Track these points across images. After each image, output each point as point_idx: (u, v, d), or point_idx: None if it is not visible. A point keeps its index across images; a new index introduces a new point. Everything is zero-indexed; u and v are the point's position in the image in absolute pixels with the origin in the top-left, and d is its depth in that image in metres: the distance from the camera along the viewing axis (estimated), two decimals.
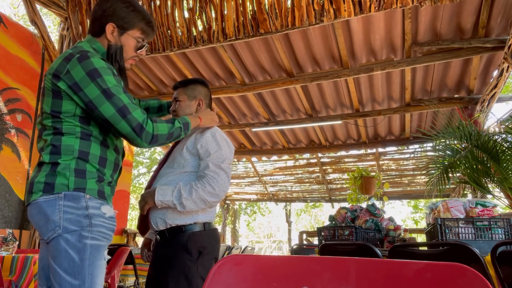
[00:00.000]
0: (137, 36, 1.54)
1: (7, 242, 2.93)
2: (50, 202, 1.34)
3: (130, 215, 14.77)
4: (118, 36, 1.51)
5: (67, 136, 1.40)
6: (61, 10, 5.02)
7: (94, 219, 1.36)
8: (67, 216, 1.33)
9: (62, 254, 1.31)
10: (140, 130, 1.40)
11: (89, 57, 1.38)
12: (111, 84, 1.38)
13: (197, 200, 1.65)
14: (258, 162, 8.72)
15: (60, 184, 1.35)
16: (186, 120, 1.60)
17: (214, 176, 1.68)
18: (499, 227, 2.45)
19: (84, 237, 1.33)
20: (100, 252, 1.38)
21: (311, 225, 19.61)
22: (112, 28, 1.50)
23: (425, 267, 0.81)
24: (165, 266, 1.69)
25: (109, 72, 1.40)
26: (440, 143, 3.81)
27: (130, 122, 1.39)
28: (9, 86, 4.47)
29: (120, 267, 3.61)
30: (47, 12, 10.42)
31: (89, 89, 1.36)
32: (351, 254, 2.37)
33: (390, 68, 4.69)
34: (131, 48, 1.55)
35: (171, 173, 1.77)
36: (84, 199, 1.36)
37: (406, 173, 8.46)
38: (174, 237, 1.71)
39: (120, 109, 1.38)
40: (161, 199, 1.66)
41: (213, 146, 1.74)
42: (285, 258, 1.01)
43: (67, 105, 1.39)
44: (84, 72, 1.36)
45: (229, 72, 5.38)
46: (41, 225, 1.35)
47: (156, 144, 1.46)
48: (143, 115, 1.43)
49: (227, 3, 4.07)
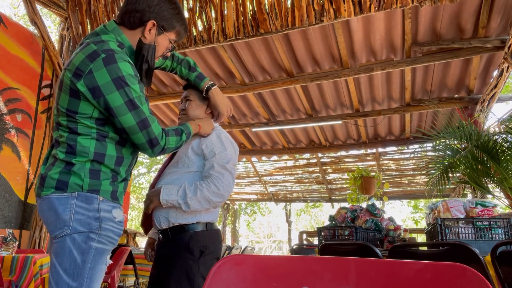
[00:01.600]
0: (172, 39, 1.52)
1: (7, 242, 2.93)
2: (62, 200, 1.31)
3: (130, 215, 14.77)
4: (155, 35, 1.45)
5: (83, 137, 1.35)
6: (61, 10, 5.02)
7: (104, 222, 1.35)
8: (78, 216, 1.31)
9: (65, 253, 1.29)
10: (154, 143, 1.41)
11: (116, 61, 1.30)
12: (136, 95, 1.34)
13: (202, 199, 1.66)
14: (258, 162, 8.73)
15: (74, 183, 1.32)
16: (190, 130, 1.62)
17: (219, 177, 1.69)
18: (499, 227, 2.45)
19: (91, 239, 1.31)
20: (103, 256, 1.36)
21: (311, 225, 19.61)
22: (152, 25, 1.43)
23: (425, 267, 0.81)
24: (167, 266, 1.69)
25: (135, 81, 1.35)
26: (440, 143, 3.81)
27: (148, 134, 1.39)
28: (9, 86, 4.47)
29: (120, 267, 3.61)
30: (47, 12, 10.43)
31: (112, 96, 1.30)
32: (351, 254, 2.37)
33: (390, 68, 4.70)
34: (163, 49, 1.52)
35: (176, 172, 1.78)
36: (97, 200, 1.34)
37: (406, 173, 8.46)
38: (176, 236, 1.72)
39: (141, 121, 1.36)
40: (166, 198, 1.67)
41: (218, 147, 1.76)
42: (285, 258, 1.01)
43: (84, 106, 1.33)
44: (110, 78, 1.29)
45: (229, 72, 5.39)
46: (50, 221, 1.33)
47: (163, 154, 1.51)
48: (159, 128, 1.43)
49: (227, 3, 4.07)
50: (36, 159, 4.74)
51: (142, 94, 1.39)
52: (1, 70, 4.37)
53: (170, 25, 1.47)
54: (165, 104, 6.53)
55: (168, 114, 6.88)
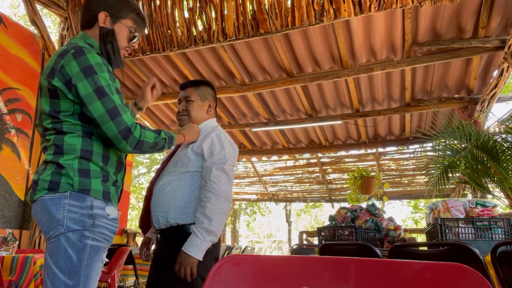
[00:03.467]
0: (130, 26, 1.54)
1: (7, 242, 2.93)
2: (55, 200, 1.32)
3: (130, 215, 14.77)
4: (111, 25, 1.51)
5: (69, 135, 1.38)
6: (61, 10, 5.02)
7: (98, 219, 1.35)
8: (71, 215, 1.32)
9: (60, 252, 1.30)
10: (126, 133, 1.37)
11: (85, 53, 1.36)
12: (105, 83, 1.36)
13: (215, 214, 1.62)
14: (258, 162, 8.72)
15: (65, 183, 1.34)
16: (172, 134, 1.57)
17: (216, 182, 1.67)
18: (499, 227, 2.45)
19: (85, 237, 1.32)
20: (99, 254, 1.37)
21: (311, 225, 19.61)
22: (105, 16, 1.49)
23: (425, 267, 0.81)
24: (165, 266, 1.69)
25: (104, 69, 1.38)
26: (440, 143, 3.80)
27: (118, 124, 1.35)
28: (9, 86, 4.47)
29: (120, 267, 3.61)
30: (47, 12, 10.42)
31: (82, 85, 1.33)
32: (351, 254, 2.37)
33: (390, 68, 4.69)
34: (124, 37, 1.54)
35: (174, 172, 1.78)
36: (89, 198, 1.35)
37: (406, 173, 8.46)
38: (175, 236, 1.71)
39: (111, 110, 1.35)
40: (199, 250, 1.59)
41: (217, 147, 1.75)
42: (285, 258, 1.01)
43: (64, 104, 1.37)
44: (79, 67, 1.34)
45: (229, 72, 5.38)
46: (44, 222, 1.34)
47: (140, 151, 1.43)
48: (132, 119, 1.40)
49: (227, 3, 4.07)
50: (36, 159, 4.74)
51: (113, 83, 1.40)
52: (1, 70, 4.37)
53: (121, 12, 1.52)
54: (165, 104, 6.53)
55: (168, 114, 6.88)
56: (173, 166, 1.81)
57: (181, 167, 1.77)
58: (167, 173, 1.81)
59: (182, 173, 1.76)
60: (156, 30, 4.41)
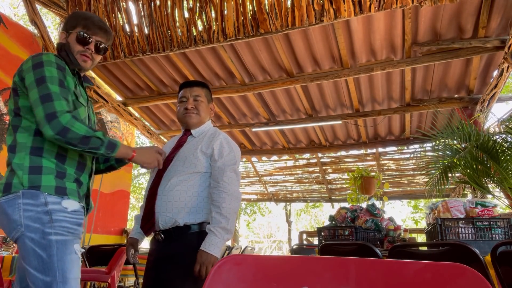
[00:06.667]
0: (78, 31, 1.60)
1: (7, 242, 2.93)
2: (10, 202, 1.35)
3: (130, 215, 14.74)
4: (66, 39, 1.62)
5: (22, 134, 1.43)
6: (61, 10, 5.01)
7: (55, 214, 1.37)
8: (27, 214, 1.34)
9: (29, 253, 1.33)
10: (51, 117, 1.35)
11: (42, 54, 1.48)
12: (48, 74, 1.42)
13: (231, 214, 1.68)
14: (258, 162, 8.72)
15: (16, 183, 1.37)
16: (116, 142, 1.48)
17: (228, 182, 1.71)
18: (499, 227, 2.45)
19: (47, 234, 1.34)
20: (68, 247, 1.38)
21: (311, 225, 19.61)
22: (63, 34, 1.63)
23: (425, 267, 0.81)
24: (171, 265, 1.68)
25: (53, 65, 1.45)
26: (440, 143, 3.80)
27: (46, 108, 1.36)
28: (9, 86, 4.47)
29: (120, 267, 3.61)
30: (47, 12, 10.42)
31: (28, 76, 1.43)
32: (351, 254, 2.37)
33: (390, 68, 4.69)
34: (74, 42, 1.60)
35: (183, 172, 1.76)
36: (42, 195, 1.37)
37: (406, 173, 8.46)
38: (181, 236, 1.70)
39: (43, 96, 1.38)
40: (219, 249, 1.64)
41: (226, 149, 1.81)
42: (285, 258, 1.01)
43: (23, 100, 1.45)
44: (32, 63, 1.45)
45: (229, 72, 5.38)
46: (4, 225, 1.37)
47: (64, 139, 1.36)
48: (65, 108, 1.38)
49: (227, 3, 4.07)
50: None
51: (57, 76, 1.43)
52: (1, 70, 4.37)
53: (71, 24, 1.63)
54: (165, 104, 6.53)
55: (168, 114, 6.88)
56: (180, 165, 1.79)
57: (190, 167, 1.77)
58: (175, 172, 1.78)
59: (191, 174, 1.76)
60: (156, 30, 4.41)
